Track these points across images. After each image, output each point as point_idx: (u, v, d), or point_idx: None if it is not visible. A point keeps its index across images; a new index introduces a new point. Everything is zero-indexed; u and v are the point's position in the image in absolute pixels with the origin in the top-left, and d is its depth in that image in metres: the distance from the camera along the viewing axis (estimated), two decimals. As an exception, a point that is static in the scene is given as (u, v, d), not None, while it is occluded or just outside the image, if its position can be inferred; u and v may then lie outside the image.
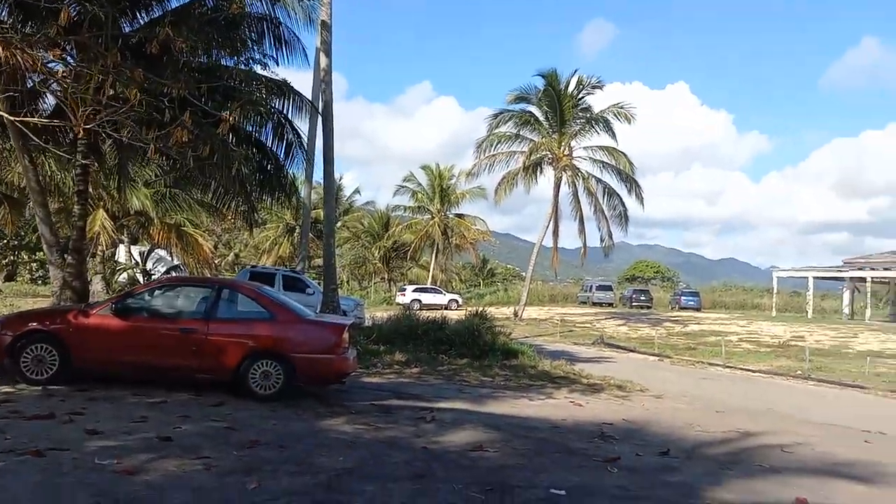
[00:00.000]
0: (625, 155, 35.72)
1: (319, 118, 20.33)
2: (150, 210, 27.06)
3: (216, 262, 50.34)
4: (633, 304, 50.24)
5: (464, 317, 17.95)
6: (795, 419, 11.18)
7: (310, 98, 19.18)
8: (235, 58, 14.29)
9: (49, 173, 22.37)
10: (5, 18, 12.63)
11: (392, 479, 5.37)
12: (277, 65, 15.75)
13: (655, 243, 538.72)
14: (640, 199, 35.42)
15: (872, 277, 44.10)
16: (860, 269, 45.42)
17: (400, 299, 43.06)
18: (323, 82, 20.03)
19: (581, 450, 7.17)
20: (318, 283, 23.97)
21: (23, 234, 36.20)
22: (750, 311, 50.59)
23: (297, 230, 45.51)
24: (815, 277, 47.31)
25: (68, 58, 14.04)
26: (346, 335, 8.75)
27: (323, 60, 19.98)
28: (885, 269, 43.76)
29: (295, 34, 16.24)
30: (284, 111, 17.23)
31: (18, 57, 10.79)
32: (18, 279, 38.02)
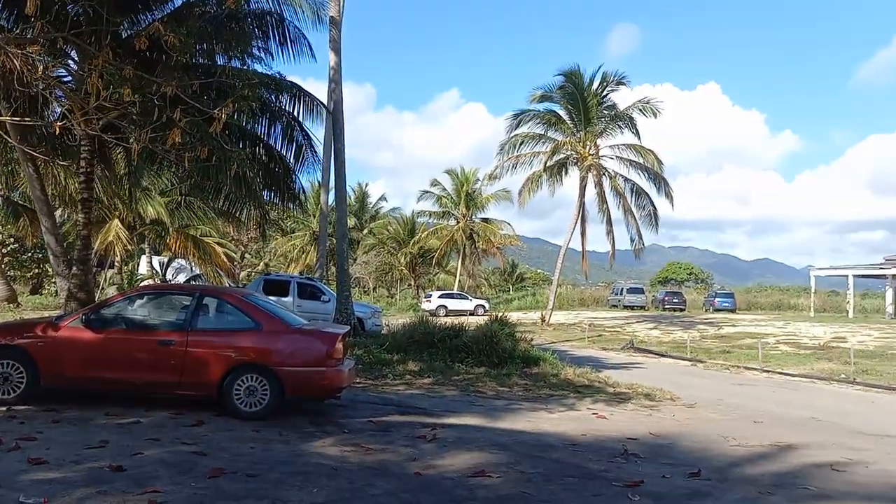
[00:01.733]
0: (653, 153, 34.57)
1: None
2: (166, 218, 26.70)
3: (241, 271, 50.20)
4: (666, 306, 48.88)
5: (483, 323, 17.08)
6: (844, 429, 10.12)
7: (325, 101, 18.59)
8: (232, 55, 13.73)
9: (63, 183, 22.16)
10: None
11: (368, 516, 4.56)
12: (273, 58, 15.13)
13: (689, 245, 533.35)
14: (669, 197, 34.20)
15: (917, 274, 42.09)
16: (904, 265, 43.39)
17: (425, 306, 42.26)
18: (332, 81, 19.37)
19: (600, 472, 6.29)
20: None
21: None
22: (787, 311, 48.88)
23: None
24: (855, 276, 45.32)
25: (70, 62, 13.67)
26: (339, 345, 7.93)
27: (332, 58, 19.31)
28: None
29: (301, 32, 15.70)
30: (296, 114, 16.72)
31: (15, 61, 10.28)
32: (43, 292, 38.01)
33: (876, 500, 5.98)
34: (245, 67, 14.15)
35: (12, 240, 36.67)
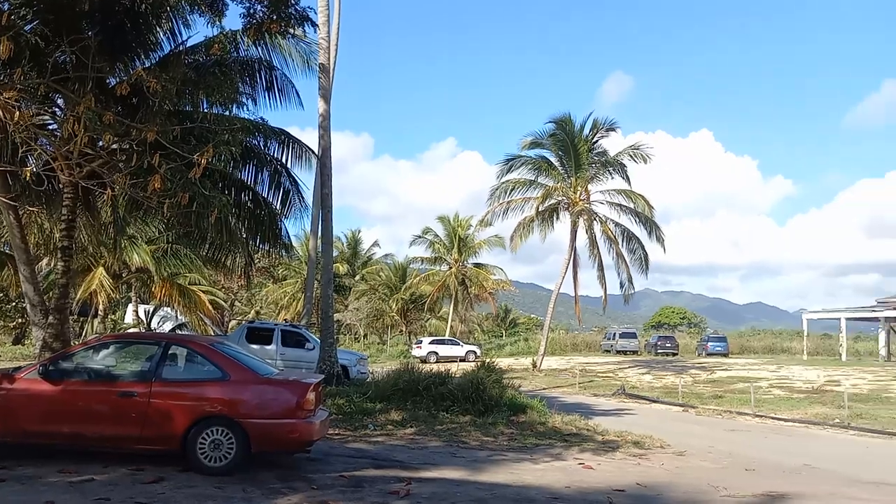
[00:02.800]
0: (643, 197, 34.66)
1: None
2: (151, 267, 26.37)
3: (231, 319, 49.57)
4: (659, 351, 48.55)
5: (471, 369, 16.71)
6: (839, 477, 9.79)
7: (315, 148, 18.58)
8: (215, 101, 13.67)
9: (49, 231, 21.90)
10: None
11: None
12: (257, 105, 15.21)
13: (682, 290, 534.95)
14: (660, 241, 34.19)
15: (910, 317, 41.96)
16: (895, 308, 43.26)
17: (416, 352, 41.72)
18: (321, 128, 19.39)
19: (581, 529, 5.94)
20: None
21: (31, 295, 35.63)
22: (780, 355, 48.57)
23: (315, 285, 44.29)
24: (847, 319, 45.09)
25: (56, 109, 13.57)
26: (310, 395, 7.59)
27: (321, 105, 19.39)
28: (923, 307, 41.65)
29: (289, 79, 15.88)
30: (284, 160, 16.73)
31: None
32: (26, 342, 37.38)
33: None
34: (229, 114, 14.10)
35: (-4, 289, 36.22)
